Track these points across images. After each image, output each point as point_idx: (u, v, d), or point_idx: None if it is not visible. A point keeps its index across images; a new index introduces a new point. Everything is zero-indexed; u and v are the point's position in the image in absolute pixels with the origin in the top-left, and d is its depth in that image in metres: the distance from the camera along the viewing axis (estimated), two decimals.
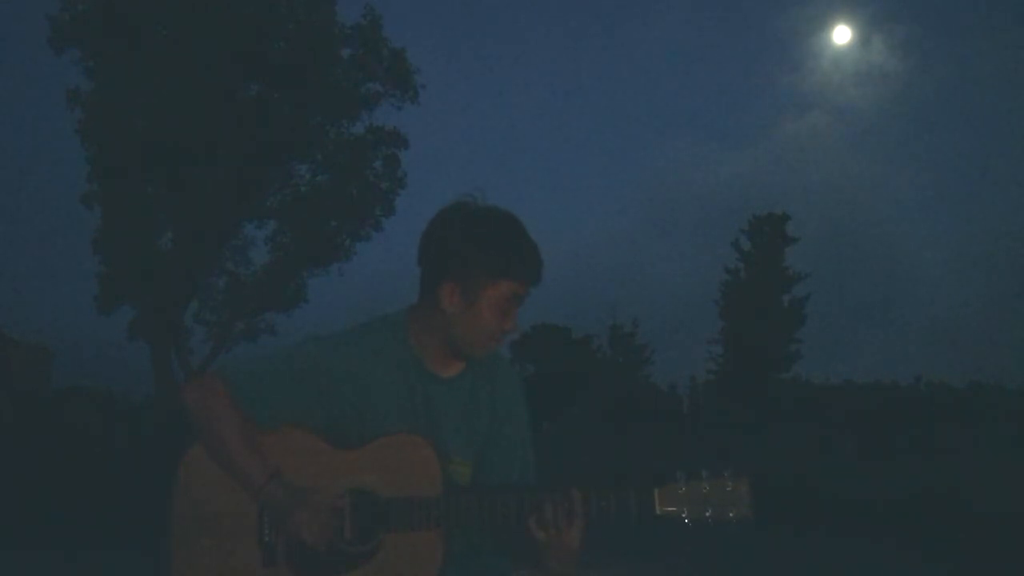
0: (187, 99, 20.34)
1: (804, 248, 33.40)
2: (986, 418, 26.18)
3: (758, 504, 1.62)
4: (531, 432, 1.90)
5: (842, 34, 52.54)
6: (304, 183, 24.19)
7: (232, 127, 21.29)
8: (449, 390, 1.78)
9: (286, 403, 1.72)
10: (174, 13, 20.66)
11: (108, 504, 7.50)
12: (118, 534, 6.13)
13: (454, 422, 1.77)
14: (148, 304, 22.17)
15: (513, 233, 1.71)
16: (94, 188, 22.05)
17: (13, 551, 5.86)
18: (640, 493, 1.62)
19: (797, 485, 10.89)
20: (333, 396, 1.73)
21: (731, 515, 1.61)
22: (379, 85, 23.85)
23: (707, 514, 1.61)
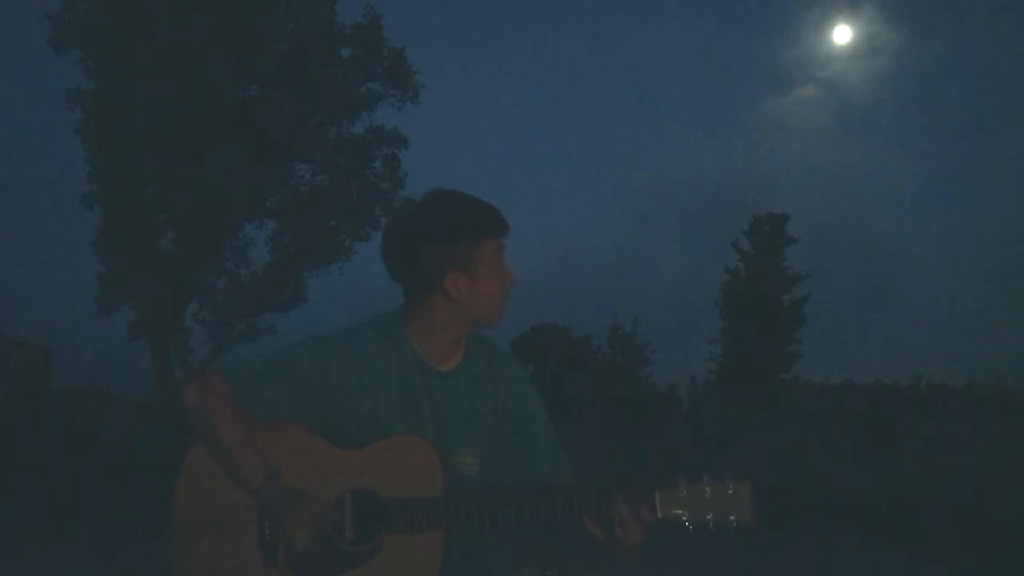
0: (187, 99, 20.35)
1: (804, 248, 33.44)
2: (986, 418, 26.16)
3: (759, 508, 1.63)
4: (544, 407, 1.93)
5: (842, 33, 52.49)
6: (304, 183, 24.25)
7: (232, 127, 21.31)
8: (451, 383, 1.80)
9: (288, 401, 1.72)
10: (174, 13, 20.67)
11: (108, 504, 7.50)
12: (118, 533, 6.13)
13: (459, 414, 1.79)
14: (148, 304, 22.19)
15: (461, 198, 1.77)
16: (94, 188, 22.08)
17: (13, 551, 5.86)
18: (642, 495, 1.63)
19: (797, 485, 10.89)
20: (334, 394, 1.73)
21: (732, 519, 1.63)
22: (379, 85, 23.90)
23: (708, 518, 1.62)
